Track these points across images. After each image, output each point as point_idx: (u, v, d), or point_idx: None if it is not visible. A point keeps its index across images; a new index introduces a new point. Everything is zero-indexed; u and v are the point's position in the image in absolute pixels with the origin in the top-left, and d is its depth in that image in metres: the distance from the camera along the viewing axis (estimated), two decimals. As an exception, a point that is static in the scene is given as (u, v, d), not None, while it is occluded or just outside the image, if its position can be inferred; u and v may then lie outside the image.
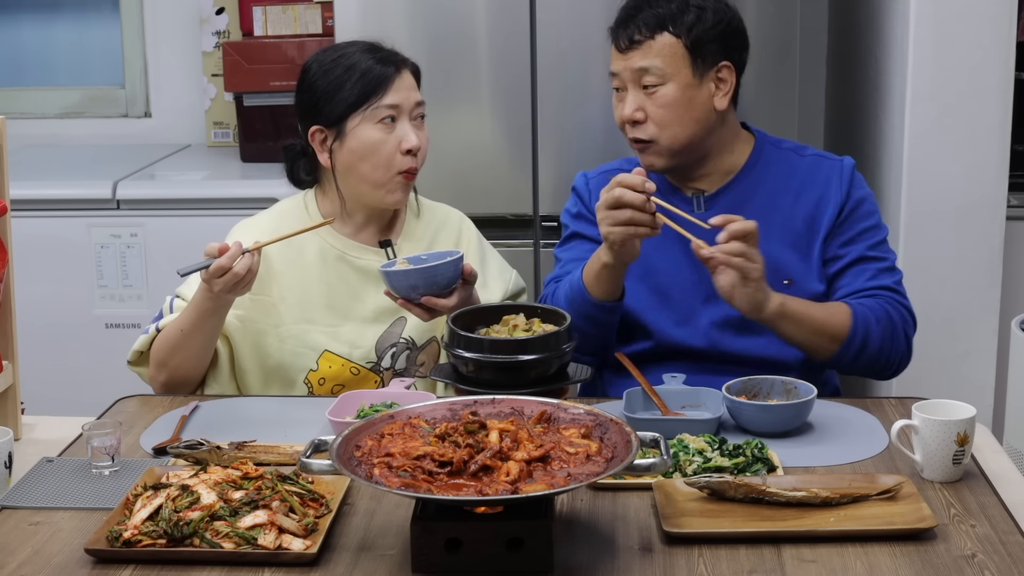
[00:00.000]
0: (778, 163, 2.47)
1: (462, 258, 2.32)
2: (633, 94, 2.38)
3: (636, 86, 2.37)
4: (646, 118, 2.37)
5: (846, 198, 2.43)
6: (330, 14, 3.66)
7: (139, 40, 4.26)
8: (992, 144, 3.06)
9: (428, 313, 2.32)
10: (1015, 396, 2.71)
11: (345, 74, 2.39)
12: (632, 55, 2.36)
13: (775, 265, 2.38)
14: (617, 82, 2.41)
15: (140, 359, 2.42)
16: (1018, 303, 3.27)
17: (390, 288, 2.31)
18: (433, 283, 2.29)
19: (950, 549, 1.70)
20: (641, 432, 1.73)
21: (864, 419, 2.17)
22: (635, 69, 2.36)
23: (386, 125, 2.39)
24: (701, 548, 1.71)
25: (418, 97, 2.43)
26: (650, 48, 2.35)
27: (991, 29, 3.00)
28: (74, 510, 1.86)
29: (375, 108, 2.38)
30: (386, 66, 2.40)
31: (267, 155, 3.82)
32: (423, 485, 1.63)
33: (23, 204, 3.17)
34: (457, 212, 2.61)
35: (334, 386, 2.43)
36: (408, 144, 2.38)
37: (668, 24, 2.35)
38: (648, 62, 2.35)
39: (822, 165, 2.47)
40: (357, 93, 2.38)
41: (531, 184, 3.34)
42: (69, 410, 2.31)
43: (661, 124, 2.37)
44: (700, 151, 2.41)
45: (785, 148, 2.50)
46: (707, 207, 2.43)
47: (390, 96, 2.38)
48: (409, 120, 2.41)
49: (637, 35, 2.36)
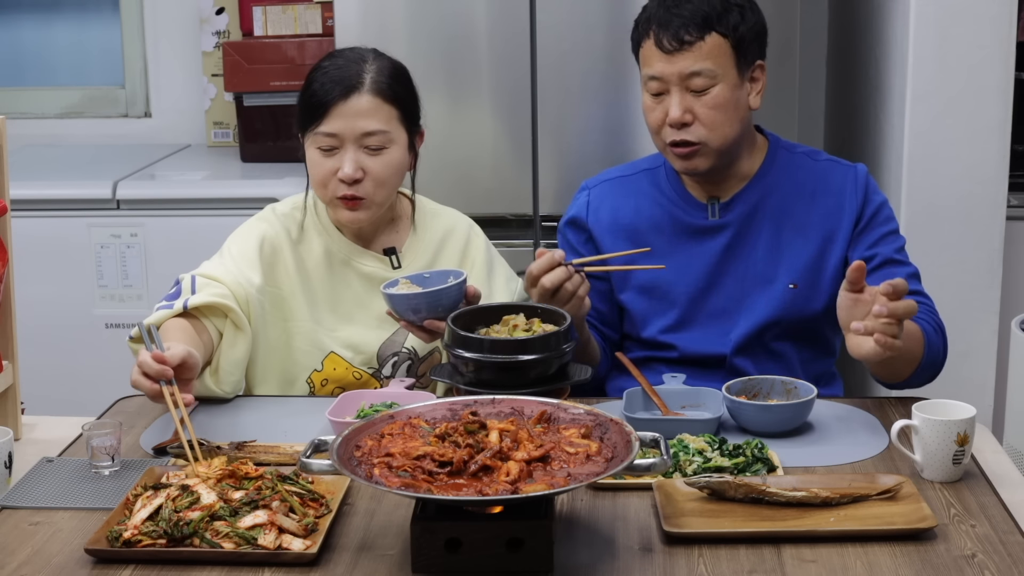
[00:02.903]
0: (792, 168, 2.44)
1: (466, 280, 2.29)
2: (680, 96, 2.30)
3: (681, 88, 2.30)
4: (694, 120, 2.31)
5: (863, 205, 2.40)
6: (330, 14, 3.66)
7: (139, 40, 4.26)
8: (992, 144, 3.06)
9: (430, 335, 2.29)
10: (1015, 396, 2.71)
11: (308, 88, 2.36)
12: (680, 57, 2.28)
13: (784, 270, 2.38)
14: (658, 86, 2.32)
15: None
16: (1018, 303, 3.27)
17: (392, 310, 2.29)
18: (437, 306, 2.25)
19: (950, 549, 1.70)
20: (641, 432, 1.73)
21: (864, 419, 2.17)
22: (687, 73, 2.28)
23: (324, 152, 2.33)
24: (701, 548, 1.71)
25: (369, 127, 2.31)
26: (700, 49, 2.28)
27: (991, 29, 3.00)
28: (74, 510, 1.86)
29: (315, 134, 2.34)
30: (332, 90, 2.31)
31: (267, 155, 3.83)
32: (423, 485, 1.63)
33: (23, 204, 3.17)
34: (466, 219, 2.57)
35: (335, 389, 2.42)
36: (340, 174, 2.32)
37: (715, 23, 2.28)
38: (700, 65, 2.28)
39: (836, 171, 2.44)
40: (303, 114, 2.35)
41: (531, 184, 3.34)
42: (69, 410, 2.31)
43: (712, 126, 2.31)
44: (735, 153, 2.38)
45: (798, 153, 2.47)
46: (721, 214, 2.41)
47: (328, 124, 2.32)
48: (357, 147, 2.32)
49: (687, 36, 2.28)
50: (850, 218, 2.39)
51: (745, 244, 2.41)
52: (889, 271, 2.36)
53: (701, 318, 2.43)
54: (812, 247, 2.40)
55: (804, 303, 2.40)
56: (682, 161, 2.35)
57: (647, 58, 2.33)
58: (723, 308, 2.42)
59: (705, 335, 2.42)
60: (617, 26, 3.20)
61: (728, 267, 2.41)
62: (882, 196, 2.45)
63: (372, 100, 2.33)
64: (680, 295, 2.43)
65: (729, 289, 2.42)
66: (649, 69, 2.33)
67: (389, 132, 2.34)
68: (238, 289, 2.33)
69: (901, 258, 2.41)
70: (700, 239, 2.42)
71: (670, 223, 2.43)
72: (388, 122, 2.34)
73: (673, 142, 2.33)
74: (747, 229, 2.41)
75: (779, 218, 2.40)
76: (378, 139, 2.33)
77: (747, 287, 2.41)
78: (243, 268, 2.36)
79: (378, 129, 2.33)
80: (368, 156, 2.33)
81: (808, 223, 2.40)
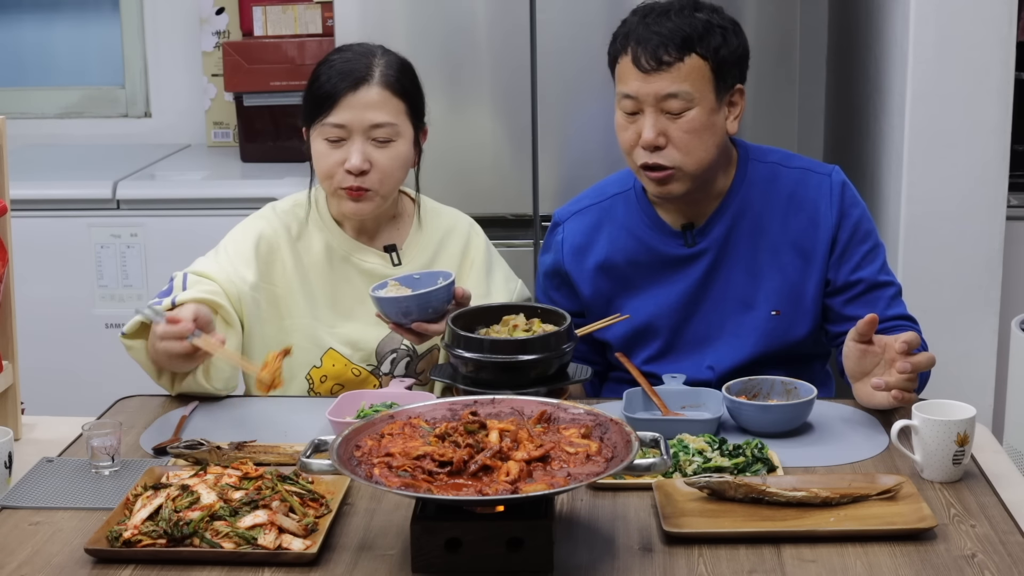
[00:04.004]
0: (763, 180, 2.37)
1: (454, 282, 2.29)
2: (653, 117, 2.23)
3: (656, 109, 2.23)
4: (667, 143, 2.25)
5: (839, 220, 2.34)
6: (330, 14, 3.66)
7: (139, 40, 4.26)
8: (992, 144, 3.06)
9: (419, 338, 2.29)
10: (1015, 396, 2.71)
11: (316, 80, 2.37)
12: (657, 78, 2.21)
13: (764, 294, 2.36)
14: (632, 105, 2.25)
15: (139, 331, 2.31)
16: (1018, 303, 3.28)
17: (381, 313, 2.29)
18: (426, 308, 2.25)
19: (950, 549, 1.70)
20: (641, 432, 1.73)
21: (864, 419, 2.17)
22: (663, 94, 2.21)
23: (332, 143, 2.34)
24: (701, 548, 1.71)
25: (378, 118, 2.33)
26: (679, 71, 2.21)
27: (991, 29, 3.00)
28: (74, 510, 1.86)
29: (322, 124, 2.35)
30: (343, 81, 2.33)
31: (267, 155, 3.83)
32: (423, 485, 1.63)
33: (23, 204, 3.17)
34: (467, 218, 2.57)
35: (334, 385, 2.42)
36: (348, 165, 2.33)
37: (696, 45, 2.21)
38: (677, 87, 2.21)
39: (810, 180, 2.37)
40: (311, 105, 2.36)
41: (531, 184, 3.34)
42: (69, 410, 2.31)
43: (686, 150, 2.24)
44: (709, 176, 2.32)
45: (770, 161, 2.39)
46: (696, 242, 2.36)
47: (336, 115, 2.33)
48: (364, 139, 2.34)
49: (666, 56, 2.20)
50: (826, 235, 2.34)
51: (723, 268, 2.37)
52: (875, 295, 2.35)
53: (683, 346, 2.40)
54: (790, 268, 2.36)
55: (788, 329, 2.37)
56: (656, 186, 2.30)
57: (623, 75, 2.27)
58: (705, 335, 2.39)
59: (689, 363, 2.39)
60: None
61: (708, 293, 2.38)
62: (859, 207, 2.38)
63: (381, 92, 2.34)
64: (661, 326, 2.40)
65: (710, 316, 2.39)
66: (624, 87, 2.26)
67: (397, 125, 2.36)
68: (229, 287, 2.34)
69: (885, 278, 2.37)
70: (677, 268, 2.38)
71: (646, 255, 2.39)
72: (396, 115, 2.36)
73: (645, 164, 2.27)
74: (724, 253, 2.37)
75: (755, 238, 2.36)
76: (386, 131, 2.35)
77: (728, 311, 2.38)
78: (237, 266, 2.37)
79: (386, 121, 2.34)
80: (375, 148, 2.35)
81: (784, 242, 2.35)
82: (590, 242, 2.44)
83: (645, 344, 2.42)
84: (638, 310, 2.40)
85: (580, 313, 2.45)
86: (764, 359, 2.37)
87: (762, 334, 2.37)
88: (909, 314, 2.38)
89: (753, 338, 2.37)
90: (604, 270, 2.42)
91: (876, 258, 2.38)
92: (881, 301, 2.35)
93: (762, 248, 2.36)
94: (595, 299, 2.44)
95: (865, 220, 2.39)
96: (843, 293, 2.36)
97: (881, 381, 2.06)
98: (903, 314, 2.37)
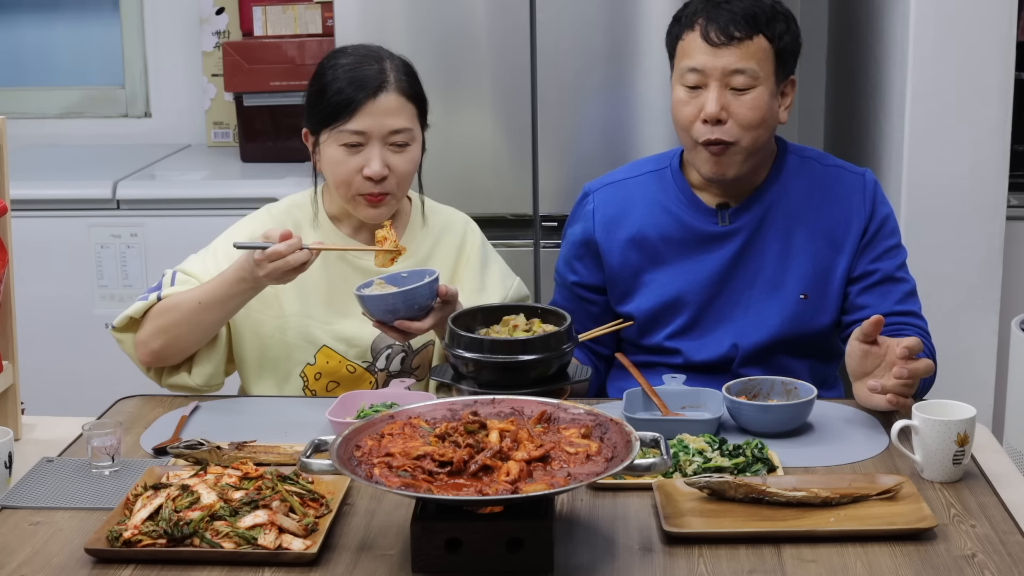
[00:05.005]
0: (800, 174, 2.42)
1: (438, 279, 2.28)
2: (718, 91, 2.26)
3: (721, 84, 2.27)
4: (728, 118, 2.28)
5: (871, 215, 2.39)
6: (330, 14, 3.66)
7: (139, 40, 4.26)
8: (992, 144, 3.06)
9: (403, 336, 2.29)
10: (1015, 396, 2.71)
11: (326, 87, 2.36)
12: (726, 52, 2.26)
13: (794, 278, 2.38)
14: (696, 79, 2.28)
15: (129, 325, 2.36)
16: (1018, 303, 3.28)
17: (366, 311, 2.29)
18: (412, 305, 2.24)
19: (950, 549, 1.70)
20: (641, 432, 1.73)
21: (864, 419, 2.17)
22: (730, 69, 2.26)
23: (350, 148, 2.34)
24: (701, 548, 1.71)
25: (396, 124, 2.34)
26: (747, 48, 2.26)
27: (991, 29, 3.00)
28: (74, 510, 1.86)
29: (339, 131, 2.34)
30: (361, 89, 2.33)
31: (267, 155, 3.83)
32: (423, 485, 1.63)
33: (23, 204, 3.17)
34: (463, 216, 2.58)
35: (329, 382, 2.43)
36: (367, 172, 2.34)
37: (763, 26, 2.27)
38: (744, 63, 2.26)
39: (845, 178, 2.42)
40: (326, 112, 2.35)
41: (531, 184, 3.34)
42: (69, 410, 2.31)
43: (747, 126, 2.28)
44: (757, 162, 2.36)
45: (807, 157, 2.45)
46: (731, 220, 2.39)
47: (356, 122, 2.33)
48: (382, 145, 2.35)
49: (736, 31, 2.25)
50: (858, 228, 2.38)
51: (755, 250, 2.40)
52: (889, 287, 2.37)
53: (709, 324, 2.42)
54: (821, 255, 2.39)
55: (814, 315, 2.39)
56: (714, 161, 2.32)
57: (688, 50, 2.30)
58: (731, 313, 2.41)
59: (712, 341, 2.41)
60: (617, 25, 3.21)
61: (738, 272, 2.40)
62: (888, 207, 2.43)
63: (398, 99, 2.36)
64: (689, 302, 2.41)
65: (739, 294, 2.40)
66: (689, 61, 2.29)
67: (412, 130, 2.38)
68: None
69: (901, 275, 2.40)
70: (710, 246, 2.40)
71: (679, 231, 2.41)
72: (411, 120, 2.38)
73: (707, 140, 2.30)
74: (757, 235, 2.39)
75: (789, 223, 2.39)
76: (403, 136, 2.36)
77: (757, 293, 2.40)
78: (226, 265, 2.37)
79: (404, 127, 2.36)
80: (392, 153, 2.36)
81: (817, 230, 2.39)
82: (622, 214, 2.46)
83: (671, 318, 2.43)
84: (666, 285, 2.42)
85: (600, 288, 2.46)
86: (787, 342, 2.39)
87: (788, 316, 2.39)
88: (920, 313, 2.39)
89: (779, 320, 2.39)
90: (635, 243, 2.44)
91: (896, 256, 2.41)
92: (894, 294, 2.38)
93: (795, 233, 2.39)
94: (622, 271, 2.45)
95: (892, 220, 2.43)
96: (859, 282, 2.39)
97: (878, 384, 2.07)
98: (913, 311, 2.38)
